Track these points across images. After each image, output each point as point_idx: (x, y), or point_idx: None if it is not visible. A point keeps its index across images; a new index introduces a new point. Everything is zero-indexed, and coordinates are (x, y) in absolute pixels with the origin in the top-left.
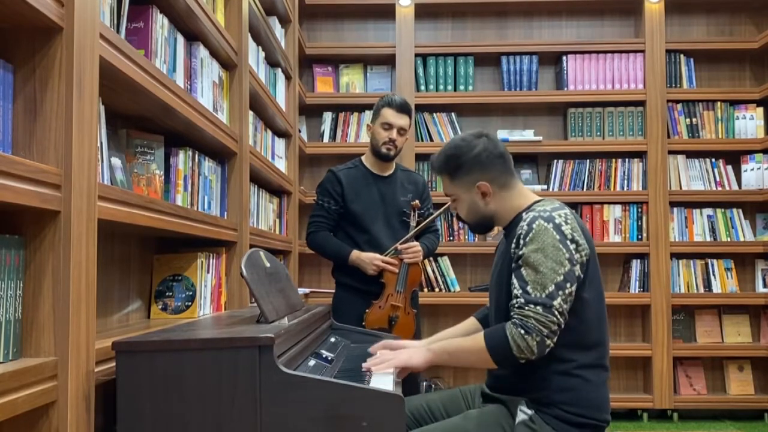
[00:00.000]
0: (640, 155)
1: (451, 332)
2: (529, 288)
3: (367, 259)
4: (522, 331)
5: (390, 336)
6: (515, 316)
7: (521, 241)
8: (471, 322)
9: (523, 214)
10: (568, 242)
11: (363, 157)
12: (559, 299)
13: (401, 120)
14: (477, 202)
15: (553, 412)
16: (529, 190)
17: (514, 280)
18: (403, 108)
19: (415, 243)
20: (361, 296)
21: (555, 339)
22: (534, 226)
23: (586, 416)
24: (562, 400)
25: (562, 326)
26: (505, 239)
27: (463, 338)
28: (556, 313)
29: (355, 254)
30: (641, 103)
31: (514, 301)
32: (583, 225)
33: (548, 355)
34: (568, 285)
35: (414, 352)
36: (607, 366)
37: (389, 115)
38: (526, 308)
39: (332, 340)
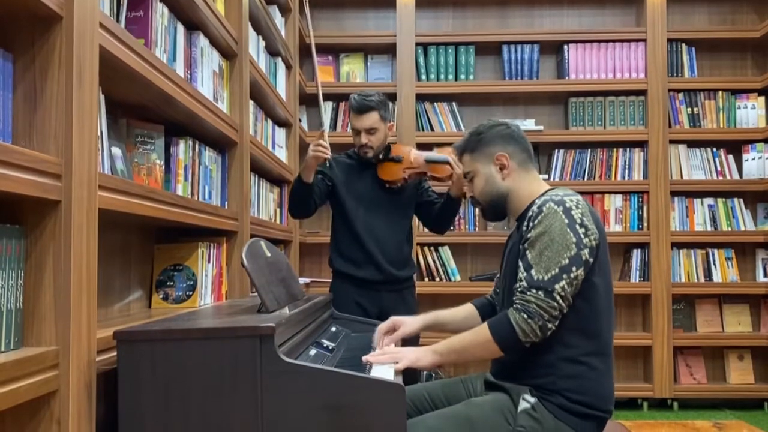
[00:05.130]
0: (641, 145)
1: (449, 314)
2: (533, 271)
3: (304, 162)
4: (525, 316)
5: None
6: (517, 301)
7: (530, 224)
8: (469, 308)
9: (537, 200)
10: (577, 226)
11: (357, 148)
12: (562, 282)
13: (364, 121)
14: (494, 176)
15: (556, 400)
16: (544, 181)
17: (520, 263)
18: (361, 109)
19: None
20: (356, 284)
21: (556, 323)
22: (544, 208)
23: (589, 406)
24: (567, 387)
25: (565, 310)
26: (517, 230)
27: (466, 333)
28: (558, 297)
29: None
30: (642, 93)
31: (518, 284)
32: (595, 213)
33: (555, 341)
34: (574, 269)
35: (422, 354)
36: (612, 356)
37: (352, 119)
38: (528, 293)
39: (333, 329)
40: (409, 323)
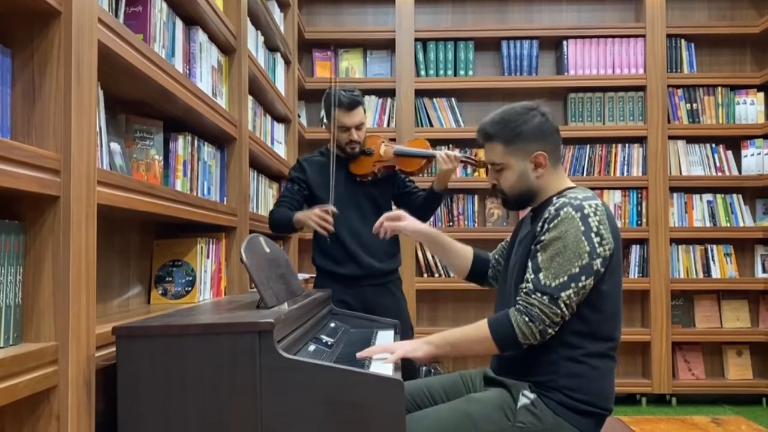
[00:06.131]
0: (641, 140)
1: (448, 241)
2: (541, 274)
3: (304, 217)
4: (526, 319)
5: (387, 328)
6: (520, 302)
7: (546, 225)
8: (468, 251)
9: (554, 198)
10: (592, 235)
11: (329, 145)
12: (569, 291)
13: (355, 117)
14: (528, 173)
15: (556, 397)
16: (567, 177)
17: (529, 263)
18: (351, 105)
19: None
20: (339, 281)
21: (557, 328)
22: (561, 212)
23: (589, 404)
24: (568, 385)
25: (567, 318)
26: (531, 222)
27: (465, 328)
28: (562, 305)
29: (299, 214)
30: (642, 88)
31: (524, 285)
32: (613, 218)
33: (559, 341)
34: (583, 278)
35: (417, 345)
36: (615, 357)
37: (342, 117)
38: (533, 296)
39: (332, 325)
40: (413, 221)
